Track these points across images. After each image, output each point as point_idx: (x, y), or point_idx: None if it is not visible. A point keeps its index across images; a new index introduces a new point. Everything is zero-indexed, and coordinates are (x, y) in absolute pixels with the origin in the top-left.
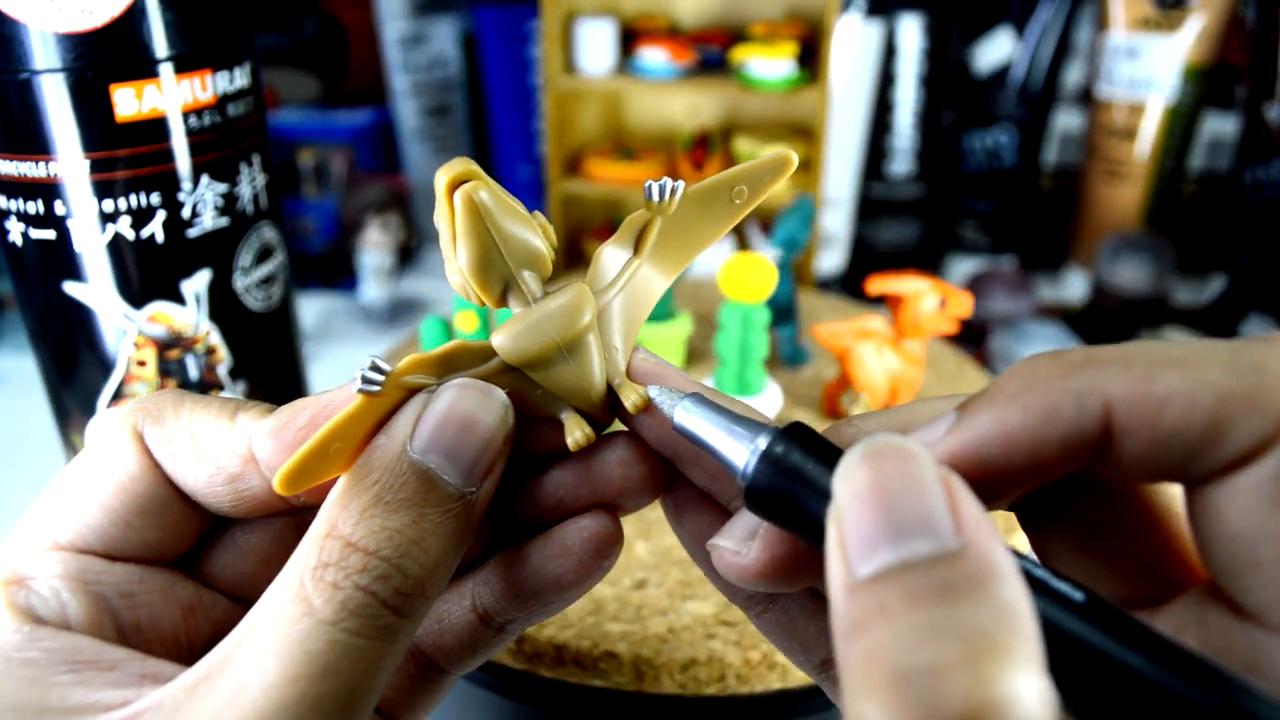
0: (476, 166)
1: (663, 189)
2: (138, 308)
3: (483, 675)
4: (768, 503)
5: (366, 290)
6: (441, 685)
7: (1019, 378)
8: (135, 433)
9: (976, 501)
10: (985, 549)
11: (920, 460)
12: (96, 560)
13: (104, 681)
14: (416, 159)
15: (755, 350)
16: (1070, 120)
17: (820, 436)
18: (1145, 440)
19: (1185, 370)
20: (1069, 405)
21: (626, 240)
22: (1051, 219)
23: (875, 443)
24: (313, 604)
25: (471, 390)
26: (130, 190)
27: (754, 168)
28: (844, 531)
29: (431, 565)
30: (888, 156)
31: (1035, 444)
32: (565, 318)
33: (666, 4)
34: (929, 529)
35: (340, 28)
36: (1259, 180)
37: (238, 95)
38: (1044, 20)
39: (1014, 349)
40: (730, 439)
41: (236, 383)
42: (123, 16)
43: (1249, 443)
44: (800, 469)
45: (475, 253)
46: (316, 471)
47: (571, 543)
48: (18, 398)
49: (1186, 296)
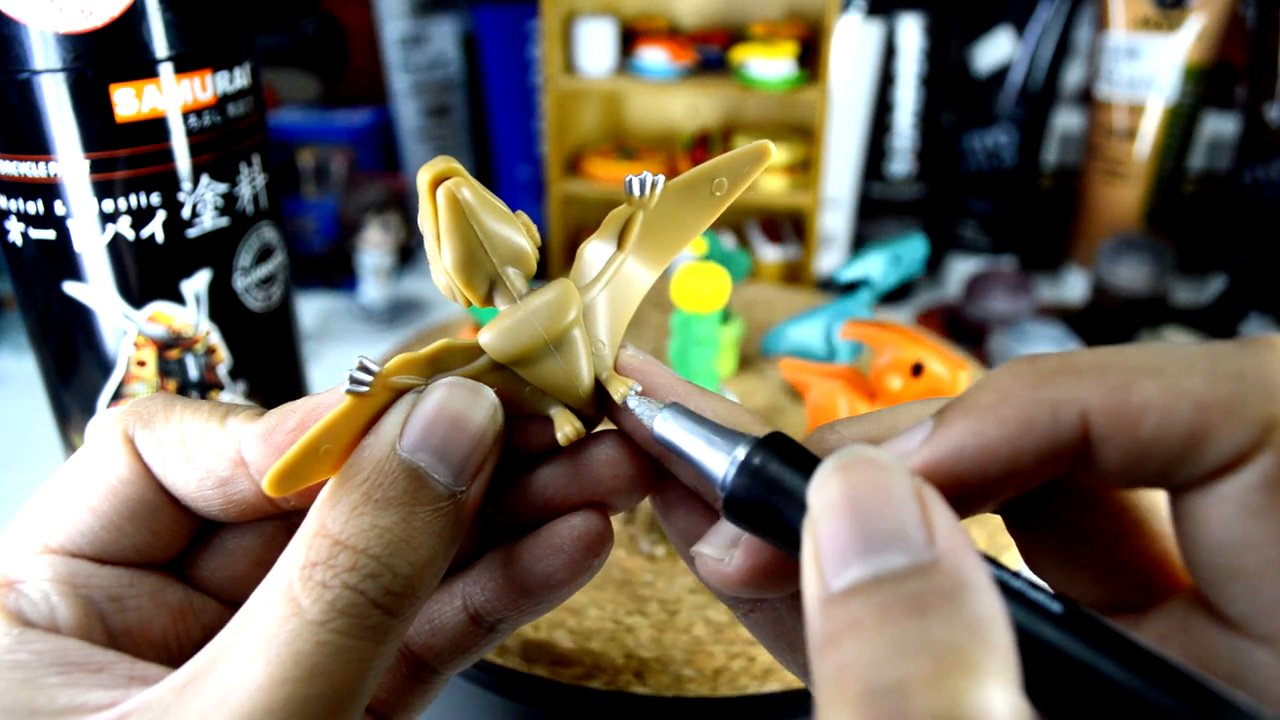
0: (458, 164)
1: (643, 183)
2: (138, 308)
3: (483, 675)
4: (747, 513)
5: (366, 290)
6: (434, 685)
7: (995, 387)
8: (126, 437)
9: (950, 513)
10: (958, 561)
11: (893, 472)
12: (86, 564)
13: (92, 683)
14: (417, 159)
15: (698, 361)
16: (1070, 120)
17: (799, 446)
18: (1123, 450)
19: (1163, 378)
20: (1045, 415)
21: (609, 236)
22: (1051, 219)
23: (848, 454)
24: (301, 604)
25: (460, 388)
26: (130, 190)
27: (733, 159)
28: (818, 544)
29: (422, 564)
30: (888, 156)
31: (1011, 454)
32: (551, 313)
33: (666, 4)
34: (902, 542)
35: (340, 28)
36: (1259, 180)
37: (238, 95)
38: (1044, 20)
39: (1014, 349)
40: (709, 449)
41: (236, 383)
42: (122, 16)
43: (1230, 452)
44: (778, 479)
45: (459, 250)
46: (306, 473)
47: (561, 541)
48: (18, 398)
49: (1186, 296)
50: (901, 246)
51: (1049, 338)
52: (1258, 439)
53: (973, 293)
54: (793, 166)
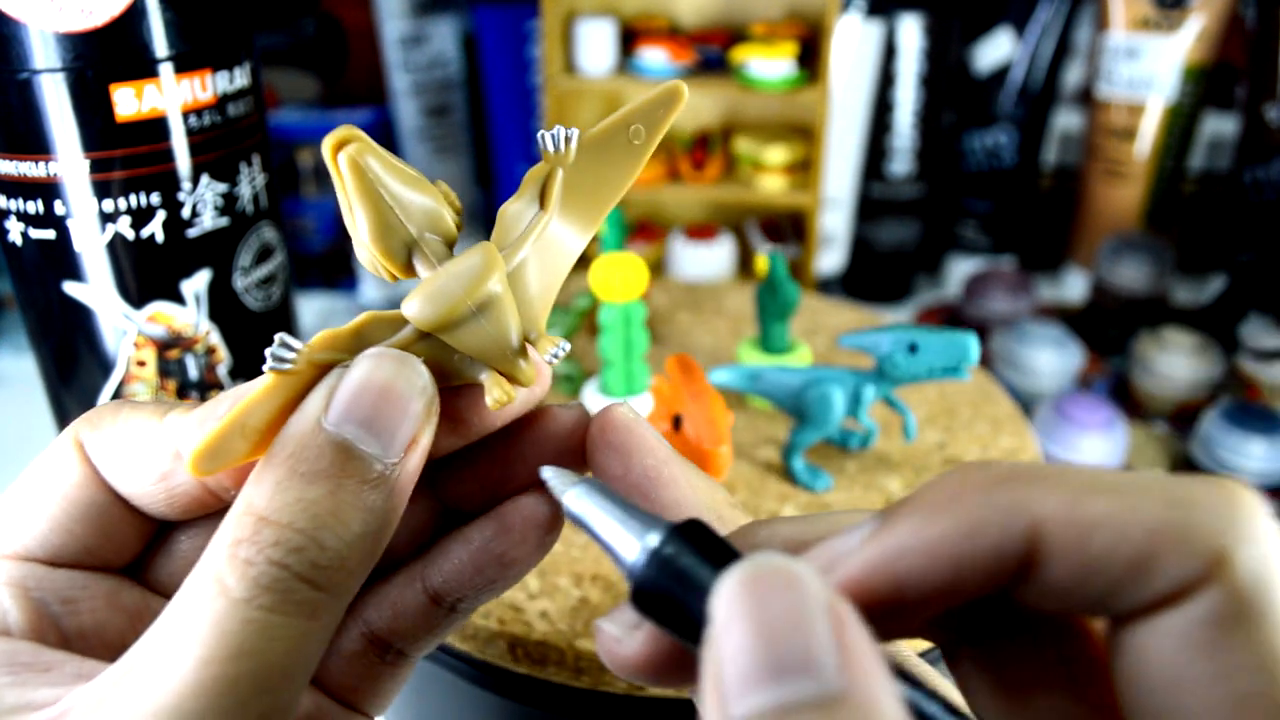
0: (359, 131)
1: (556, 137)
2: (137, 308)
3: (483, 676)
4: (654, 605)
5: (366, 290)
6: (402, 668)
7: (945, 488)
8: (76, 441)
9: (867, 636)
10: (870, 690)
11: (805, 588)
12: (38, 567)
13: (40, 682)
14: (417, 159)
15: (639, 346)
16: (1070, 120)
17: (718, 539)
18: (1070, 565)
19: (1118, 497)
20: (995, 520)
21: (530, 196)
22: (1051, 219)
23: (759, 564)
24: (226, 583)
25: (386, 359)
26: (130, 190)
27: (645, 104)
28: (720, 663)
29: (351, 539)
30: (887, 156)
31: (956, 558)
32: (472, 276)
33: (666, 4)
34: (811, 668)
35: (340, 28)
36: (1259, 180)
37: (238, 95)
38: (1044, 20)
39: (1014, 349)
40: (622, 531)
41: (236, 383)
42: (122, 16)
43: (1175, 582)
44: (689, 574)
45: (371, 217)
46: (230, 452)
47: (513, 522)
48: (18, 398)
49: (1186, 296)
50: (931, 337)
51: (1049, 338)
52: (1205, 572)
53: (972, 293)
54: (792, 166)
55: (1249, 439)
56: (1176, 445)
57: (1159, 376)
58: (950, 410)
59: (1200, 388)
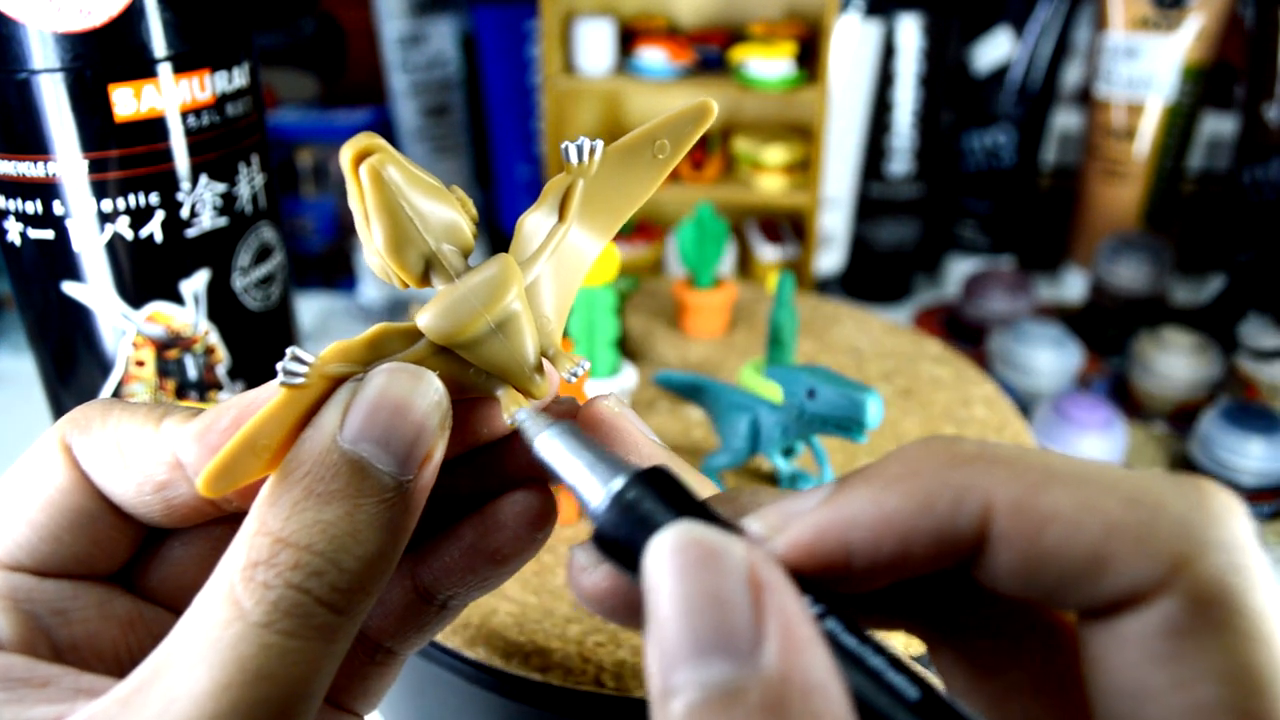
0: (381, 140)
1: (580, 149)
2: (136, 308)
3: (483, 676)
4: (614, 548)
5: (365, 290)
6: (391, 666)
7: (904, 460)
8: (64, 445)
9: (796, 600)
10: (793, 661)
11: (726, 561)
12: (27, 577)
13: (37, 698)
14: (416, 159)
15: (604, 331)
16: (1069, 120)
17: (682, 488)
18: (1019, 554)
19: (1079, 490)
20: (948, 498)
21: (550, 207)
22: (1050, 219)
23: (683, 534)
24: (243, 606)
25: (402, 374)
26: (129, 190)
27: (673, 119)
28: (654, 629)
29: (369, 558)
30: (887, 156)
31: (905, 533)
32: (490, 290)
33: (666, 4)
34: (728, 647)
35: (340, 28)
36: (1258, 180)
37: (236, 95)
38: (1043, 20)
39: (1013, 349)
40: (589, 475)
41: (235, 383)
42: (121, 16)
43: (1132, 585)
44: (650, 519)
45: (390, 229)
46: (242, 471)
47: (505, 518)
48: (18, 398)
49: (1185, 296)
50: (829, 388)
51: (1048, 338)
52: (1163, 578)
53: (971, 292)
54: (792, 166)
55: (1248, 439)
56: (1176, 445)
57: (1158, 376)
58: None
59: (1199, 387)
